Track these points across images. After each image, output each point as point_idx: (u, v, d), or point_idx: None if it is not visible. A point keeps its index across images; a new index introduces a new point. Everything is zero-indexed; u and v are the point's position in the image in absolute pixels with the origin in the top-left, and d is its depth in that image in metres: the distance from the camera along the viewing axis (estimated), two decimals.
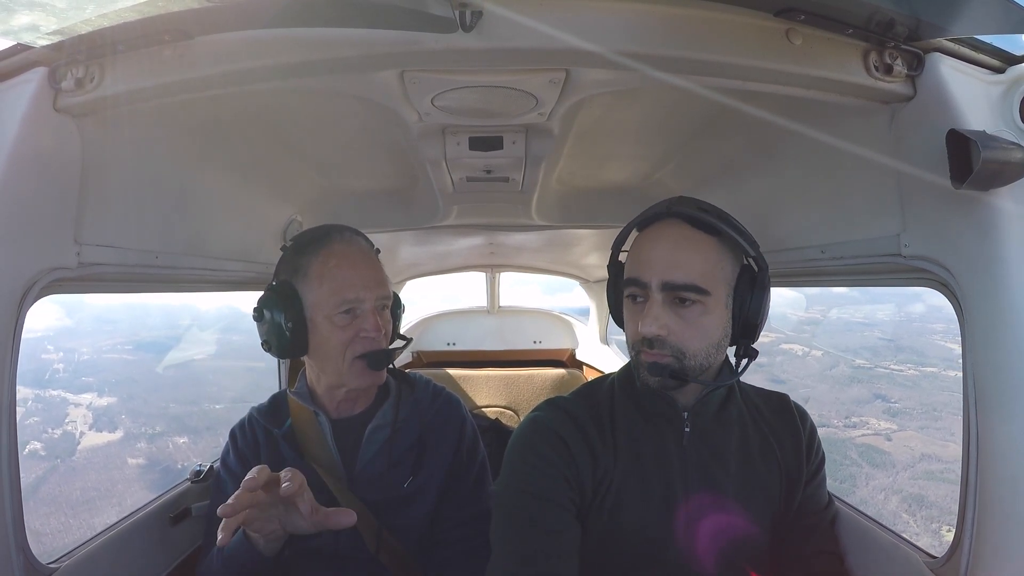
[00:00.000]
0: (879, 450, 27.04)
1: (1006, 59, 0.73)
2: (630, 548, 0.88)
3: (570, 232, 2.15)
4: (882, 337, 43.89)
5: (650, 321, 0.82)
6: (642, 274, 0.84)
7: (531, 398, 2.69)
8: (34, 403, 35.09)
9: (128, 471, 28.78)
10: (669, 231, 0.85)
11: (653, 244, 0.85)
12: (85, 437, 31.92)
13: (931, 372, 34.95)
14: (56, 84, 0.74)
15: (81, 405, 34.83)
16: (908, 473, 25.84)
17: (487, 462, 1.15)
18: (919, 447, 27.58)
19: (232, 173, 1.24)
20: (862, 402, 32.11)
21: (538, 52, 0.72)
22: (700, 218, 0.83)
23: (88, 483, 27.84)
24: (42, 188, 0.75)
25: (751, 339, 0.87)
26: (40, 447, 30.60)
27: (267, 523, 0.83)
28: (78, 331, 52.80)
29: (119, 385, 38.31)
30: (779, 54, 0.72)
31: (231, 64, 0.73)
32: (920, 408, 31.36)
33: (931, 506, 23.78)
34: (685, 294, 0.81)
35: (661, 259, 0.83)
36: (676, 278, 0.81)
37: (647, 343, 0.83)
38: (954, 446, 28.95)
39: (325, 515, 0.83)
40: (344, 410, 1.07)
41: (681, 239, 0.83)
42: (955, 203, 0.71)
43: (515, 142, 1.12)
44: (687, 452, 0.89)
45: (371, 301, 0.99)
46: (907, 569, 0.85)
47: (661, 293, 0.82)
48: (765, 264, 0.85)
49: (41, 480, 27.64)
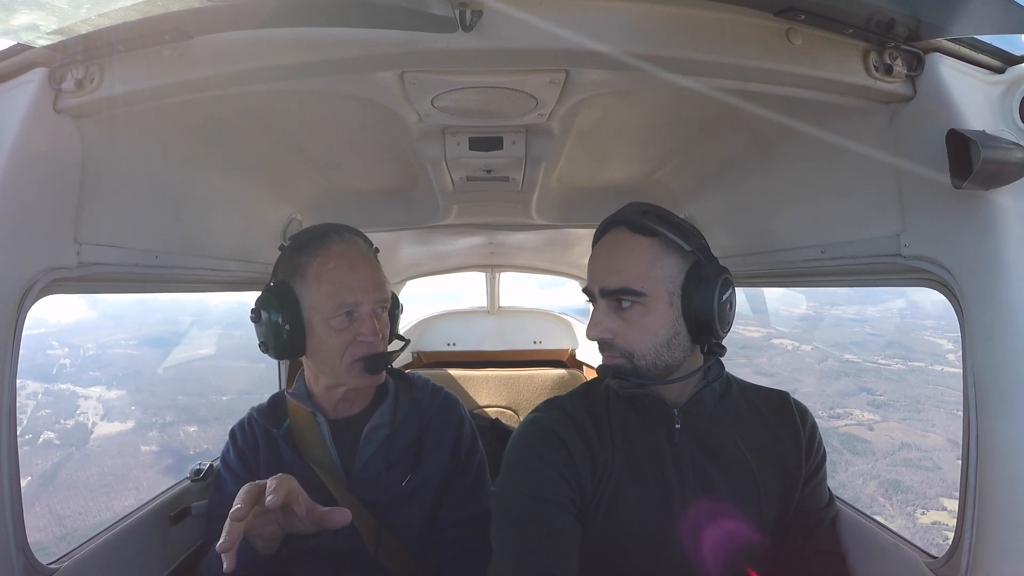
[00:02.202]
0: (860, 439, 28.29)
1: (1006, 59, 0.73)
2: (628, 546, 0.88)
3: (570, 232, 2.15)
4: (872, 333, 44.64)
5: (592, 325, 0.89)
6: (589, 283, 0.92)
7: (531, 398, 2.69)
8: (44, 396, 36.12)
9: (142, 458, 29.79)
10: (610, 240, 0.91)
11: (596, 254, 0.92)
12: (97, 427, 33.07)
13: (918, 367, 35.93)
14: (56, 85, 0.74)
15: (91, 398, 35.96)
16: (887, 461, 27.12)
17: (486, 462, 1.15)
18: (899, 436, 28.89)
19: (232, 173, 1.24)
20: (847, 394, 33.44)
21: (538, 52, 0.72)
22: (637, 222, 0.88)
23: (104, 469, 28.76)
24: (42, 188, 0.75)
25: (711, 335, 0.87)
26: (54, 436, 31.69)
27: (265, 526, 0.82)
28: (91, 325, 53.72)
29: (126, 378, 39.34)
30: (779, 54, 0.72)
31: (231, 64, 0.73)
32: (904, 400, 32.65)
33: (907, 491, 24.91)
34: (622, 296, 0.86)
35: (600, 267, 0.90)
36: (610, 283, 0.87)
37: (600, 346, 0.89)
38: (934, 436, 29.52)
39: (321, 515, 0.82)
40: (342, 410, 1.07)
41: (617, 245, 0.89)
42: (955, 203, 0.71)
43: (515, 142, 1.12)
44: (679, 449, 0.90)
45: (369, 304, 0.98)
46: (907, 569, 0.85)
47: (603, 299, 0.89)
48: (712, 257, 0.88)
49: (58, 466, 28.69)
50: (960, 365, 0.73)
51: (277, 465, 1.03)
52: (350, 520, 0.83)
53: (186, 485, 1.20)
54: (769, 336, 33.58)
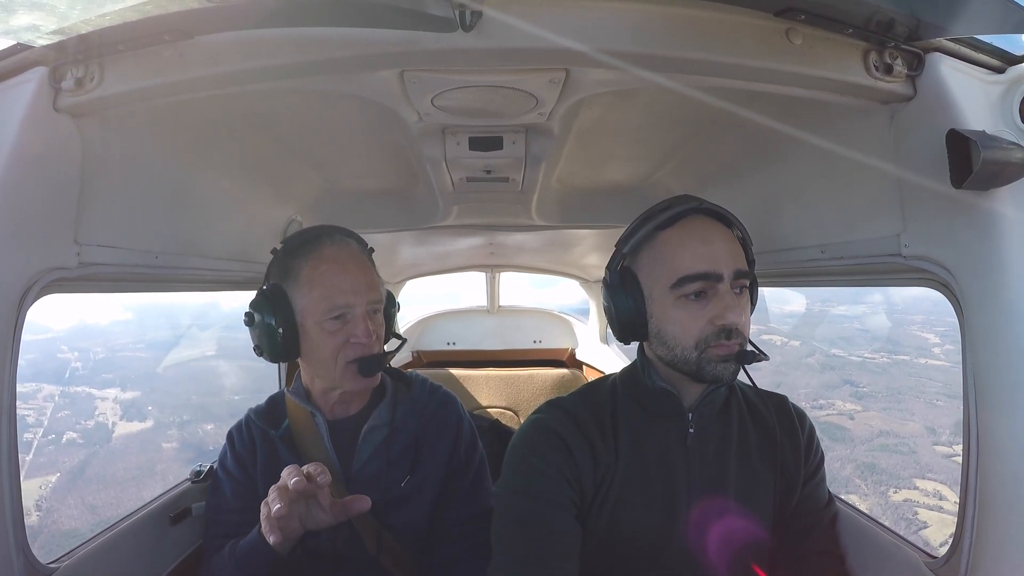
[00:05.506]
0: (841, 427, 30.38)
1: (1006, 59, 0.73)
2: (631, 548, 0.88)
3: (570, 232, 2.16)
4: (860, 328, 45.52)
5: (738, 311, 0.82)
6: (712, 267, 0.82)
7: (531, 398, 2.69)
8: (61, 398, 37.22)
9: (165, 453, 31.30)
10: (707, 225, 0.87)
11: (705, 237, 0.85)
12: (118, 426, 34.38)
13: (902, 360, 37.08)
14: (56, 84, 0.73)
15: (107, 399, 36.96)
16: (865, 446, 29.14)
17: (486, 461, 1.14)
18: (878, 425, 30.94)
19: (232, 173, 1.24)
20: (832, 387, 35.09)
21: (538, 52, 0.72)
22: (722, 212, 0.88)
23: (130, 464, 30.60)
24: (42, 188, 0.75)
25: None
26: (76, 436, 32.99)
27: (289, 521, 0.85)
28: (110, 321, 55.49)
29: (140, 379, 40.62)
30: (779, 54, 0.72)
31: (231, 64, 0.73)
32: (886, 392, 34.28)
33: (881, 472, 26.64)
34: (744, 281, 0.85)
35: (723, 250, 0.84)
36: (741, 266, 0.85)
37: (725, 334, 0.82)
38: (912, 424, 30.72)
39: (343, 505, 0.87)
40: (340, 411, 1.07)
41: (721, 231, 0.87)
42: (955, 203, 0.71)
43: (515, 142, 1.12)
44: (691, 452, 0.89)
45: (362, 306, 0.98)
46: (907, 569, 0.85)
47: (725, 284, 0.83)
48: (753, 257, 0.91)
49: (85, 463, 30.36)
50: (944, 358, 0.74)
51: (275, 466, 1.02)
52: (370, 506, 0.87)
53: (186, 486, 1.20)
54: (758, 332, 35.39)
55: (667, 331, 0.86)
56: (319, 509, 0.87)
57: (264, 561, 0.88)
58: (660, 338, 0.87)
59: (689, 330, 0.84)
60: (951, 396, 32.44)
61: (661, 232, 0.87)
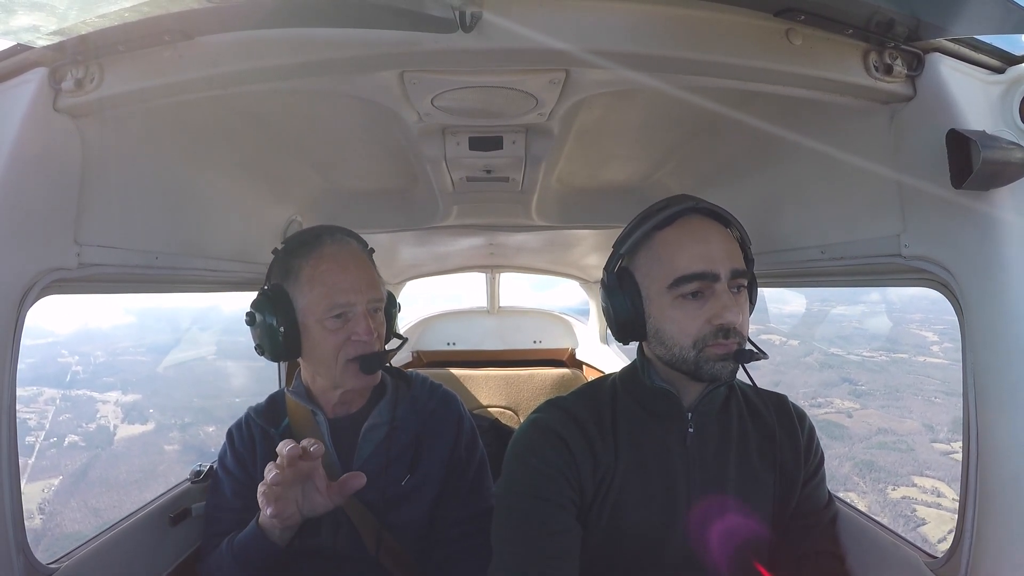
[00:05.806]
0: (839, 425, 30.48)
1: (1006, 59, 0.73)
2: (631, 548, 0.88)
3: (570, 232, 2.15)
4: (858, 327, 45.68)
5: (736, 310, 0.83)
6: (709, 266, 0.82)
7: (531, 398, 2.69)
8: (62, 401, 37.52)
9: (166, 456, 31.41)
10: (704, 224, 0.87)
11: (701, 237, 0.85)
12: (119, 429, 34.63)
13: (901, 358, 37.20)
14: (56, 84, 0.73)
15: (109, 402, 37.25)
16: (863, 444, 29.21)
17: (486, 460, 1.15)
18: (876, 422, 30.96)
19: (232, 173, 1.24)
20: (830, 385, 35.30)
21: (538, 52, 0.72)
22: (719, 212, 0.88)
23: (132, 466, 30.74)
24: (42, 188, 0.75)
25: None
26: (78, 439, 33.06)
27: (286, 505, 0.85)
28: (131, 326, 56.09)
29: (143, 382, 40.89)
30: (779, 54, 0.72)
31: (231, 65, 0.73)
32: (884, 389, 34.36)
33: (879, 470, 26.88)
34: (741, 280, 0.85)
35: (720, 249, 0.84)
36: (738, 265, 0.84)
37: (723, 333, 0.82)
38: (910, 421, 31.00)
39: (339, 485, 0.88)
40: (340, 409, 1.07)
41: (719, 231, 0.87)
42: (955, 203, 0.71)
43: (515, 142, 1.12)
44: (690, 452, 0.90)
45: (362, 304, 0.99)
46: (907, 569, 0.85)
47: (722, 283, 0.83)
48: (751, 256, 0.91)
49: (88, 466, 30.33)
50: (942, 356, 0.74)
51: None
52: (364, 482, 0.88)
53: (186, 486, 1.20)
54: (757, 332, 35.65)
55: (665, 331, 0.86)
56: (316, 492, 0.88)
57: (262, 554, 0.88)
58: (658, 338, 0.87)
59: (687, 330, 0.84)
60: (949, 393, 32.60)
61: (658, 232, 0.87)
